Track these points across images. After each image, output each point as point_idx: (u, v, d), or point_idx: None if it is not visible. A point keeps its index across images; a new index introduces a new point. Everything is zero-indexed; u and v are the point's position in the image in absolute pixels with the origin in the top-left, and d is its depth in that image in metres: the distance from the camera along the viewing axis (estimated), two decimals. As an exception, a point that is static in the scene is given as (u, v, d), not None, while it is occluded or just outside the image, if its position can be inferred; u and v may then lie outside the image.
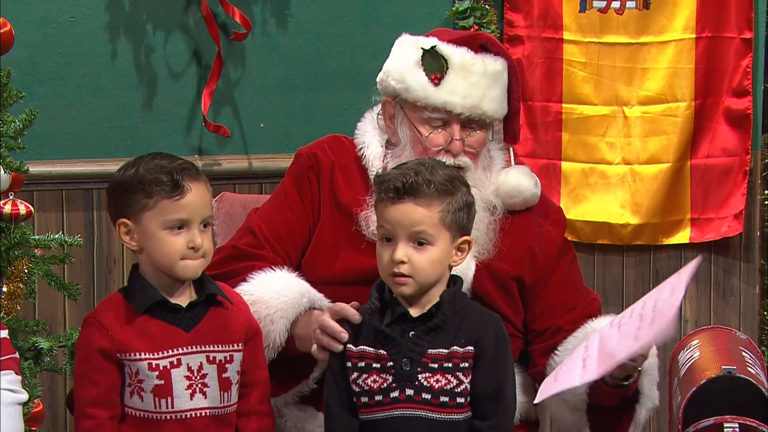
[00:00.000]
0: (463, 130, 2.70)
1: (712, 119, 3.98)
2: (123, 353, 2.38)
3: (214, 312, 2.45)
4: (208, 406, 2.42)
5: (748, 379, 3.10)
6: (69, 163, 3.62)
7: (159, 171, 2.37)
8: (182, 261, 2.39)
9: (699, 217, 4.01)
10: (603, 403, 2.65)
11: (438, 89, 2.69)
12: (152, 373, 2.37)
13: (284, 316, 2.58)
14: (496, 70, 2.72)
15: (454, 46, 2.72)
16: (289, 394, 2.68)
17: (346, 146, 2.83)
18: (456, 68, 2.69)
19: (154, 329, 2.40)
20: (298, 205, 2.78)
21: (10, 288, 2.98)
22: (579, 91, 3.95)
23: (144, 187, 2.37)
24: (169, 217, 2.37)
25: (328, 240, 2.73)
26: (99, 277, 3.66)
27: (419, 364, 2.33)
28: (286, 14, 3.76)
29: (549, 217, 2.83)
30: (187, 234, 2.38)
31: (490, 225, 2.72)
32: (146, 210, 2.37)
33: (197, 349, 2.42)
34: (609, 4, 3.93)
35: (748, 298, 4.06)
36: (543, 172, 3.91)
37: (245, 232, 2.78)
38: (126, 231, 2.40)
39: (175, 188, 2.36)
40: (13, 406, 2.41)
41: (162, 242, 2.37)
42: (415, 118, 2.72)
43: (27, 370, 2.93)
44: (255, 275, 2.64)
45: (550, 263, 2.78)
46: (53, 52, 3.60)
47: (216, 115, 3.72)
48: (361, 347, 2.37)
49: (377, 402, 2.34)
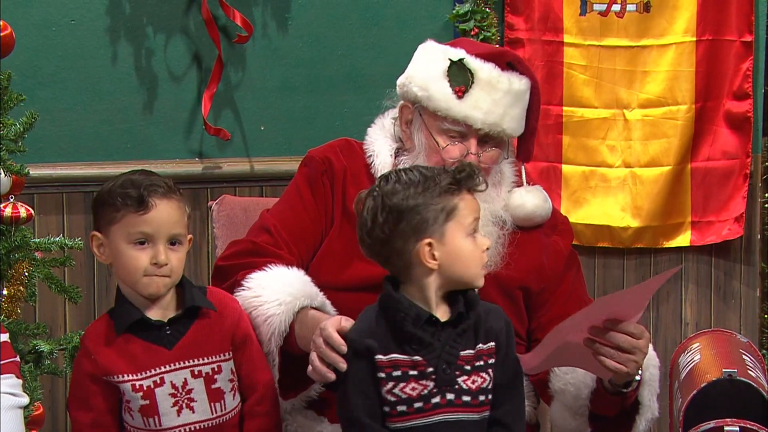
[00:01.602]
0: (480, 146, 2.69)
1: (712, 122, 3.99)
2: (108, 376, 2.38)
3: (198, 324, 2.44)
4: (198, 420, 2.42)
5: (749, 382, 3.10)
6: (69, 166, 3.63)
7: (129, 186, 2.38)
8: (145, 277, 2.38)
9: (699, 220, 4.01)
10: (601, 413, 2.65)
11: (461, 102, 2.68)
12: (136, 394, 2.38)
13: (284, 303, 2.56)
14: (520, 90, 2.71)
15: (482, 60, 2.70)
16: (297, 400, 2.67)
17: (357, 151, 2.82)
18: (481, 83, 2.68)
19: (135, 349, 2.39)
20: (313, 207, 2.77)
21: (11, 291, 2.98)
22: (579, 94, 3.95)
23: (113, 200, 2.38)
24: (132, 230, 2.37)
25: (336, 247, 2.72)
26: (99, 280, 3.66)
27: (456, 367, 2.33)
28: (286, 17, 3.76)
29: (557, 227, 2.82)
30: (151, 250, 2.38)
31: (499, 239, 2.72)
32: (114, 223, 2.38)
33: (181, 365, 2.41)
34: (609, 7, 3.93)
35: (749, 301, 4.06)
36: (543, 175, 3.91)
37: (260, 230, 2.76)
38: (98, 244, 2.41)
39: (140, 203, 2.36)
40: (14, 410, 2.41)
41: (125, 256, 2.38)
42: (433, 127, 2.71)
43: (27, 373, 2.93)
44: (268, 267, 2.62)
45: (558, 274, 2.78)
46: (54, 55, 3.60)
47: (217, 118, 3.72)
48: (391, 356, 2.31)
49: (416, 409, 2.30)
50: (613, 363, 2.46)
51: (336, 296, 2.62)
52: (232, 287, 2.62)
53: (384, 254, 2.31)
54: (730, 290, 4.06)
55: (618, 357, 2.46)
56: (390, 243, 2.28)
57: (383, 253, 2.31)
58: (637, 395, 2.61)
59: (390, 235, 2.28)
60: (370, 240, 2.31)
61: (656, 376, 2.67)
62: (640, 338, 2.46)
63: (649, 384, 2.63)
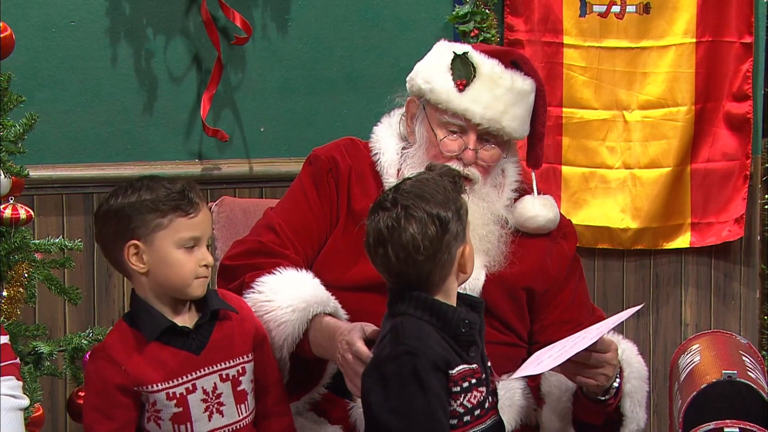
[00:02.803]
0: (479, 142, 2.70)
1: (712, 123, 3.99)
2: (140, 386, 2.35)
3: (220, 327, 2.43)
4: (226, 424, 2.42)
5: (749, 384, 3.10)
6: (69, 167, 3.62)
7: (170, 190, 2.35)
8: (196, 280, 2.37)
9: (699, 221, 4.01)
10: (586, 420, 2.66)
11: (461, 95, 2.68)
12: (170, 402, 2.35)
13: (297, 310, 2.55)
14: (524, 89, 2.71)
15: (486, 56, 2.71)
16: (300, 402, 2.67)
17: (362, 150, 2.82)
18: (483, 78, 2.69)
19: (165, 356, 2.37)
20: (318, 205, 2.76)
21: (11, 292, 2.98)
22: (579, 96, 3.95)
23: (157, 206, 2.33)
24: (185, 235, 2.35)
25: (341, 246, 2.72)
26: (99, 281, 3.65)
27: (490, 369, 2.34)
28: (286, 18, 3.76)
29: (561, 230, 2.82)
30: (198, 252, 2.37)
31: (501, 238, 2.72)
32: (160, 230, 2.33)
33: (209, 370, 2.40)
34: (609, 8, 3.93)
35: (749, 302, 4.06)
36: (543, 177, 3.91)
37: (265, 229, 2.75)
38: (135, 252, 2.36)
39: (190, 206, 2.35)
40: (14, 412, 2.41)
41: (176, 262, 2.35)
42: (434, 120, 2.71)
43: (27, 374, 2.93)
44: (278, 270, 2.61)
45: (561, 277, 2.78)
46: (54, 56, 3.60)
47: (216, 120, 3.72)
48: (459, 367, 2.25)
49: (476, 416, 2.28)
50: (582, 378, 2.49)
51: (340, 296, 2.61)
52: (239, 288, 2.61)
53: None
54: (730, 291, 4.06)
55: (585, 372, 2.48)
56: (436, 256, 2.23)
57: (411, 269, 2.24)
58: (620, 406, 2.63)
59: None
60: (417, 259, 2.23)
61: (640, 387, 2.67)
62: (607, 351, 2.48)
63: (631, 396, 2.64)
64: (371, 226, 2.23)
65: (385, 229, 2.20)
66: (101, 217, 2.38)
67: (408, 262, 2.20)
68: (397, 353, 2.19)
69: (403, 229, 2.19)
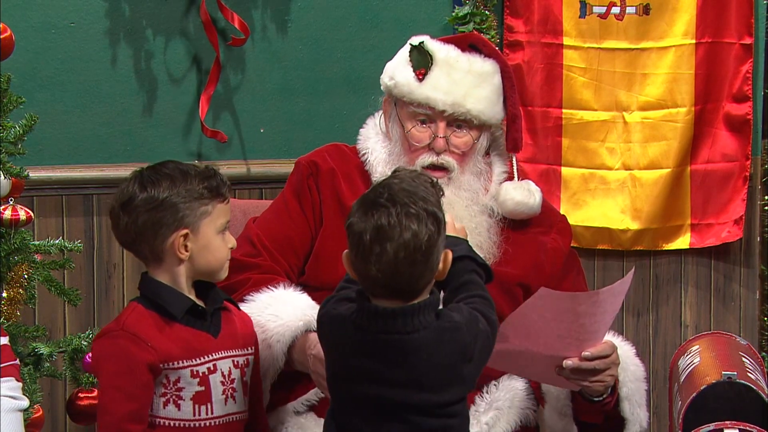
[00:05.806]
0: (449, 129, 2.70)
1: (712, 125, 3.98)
2: (167, 362, 2.35)
3: (226, 317, 2.46)
4: (237, 411, 2.44)
5: (749, 385, 3.10)
6: (69, 168, 3.62)
7: (205, 176, 2.40)
8: (226, 263, 2.45)
9: (699, 222, 4.01)
10: (587, 420, 2.66)
11: (421, 85, 2.70)
12: (194, 380, 2.37)
13: (280, 340, 2.56)
14: (484, 71, 2.72)
15: (442, 43, 2.74)
16: (297, 403, 2.68)
17: (347, 154, 2.83)
18: (440, 64, 2.71)
19: (188, 336, 2.38)
20: (298, 213, 2.78)
21: (10, 293, 2.98)
22: (579, 97, 3.95)
23: (203, 194, 2.38)
24: (223, 220, 2.42)
25: (332, 245, 2.72)
26: (99, 282, 3.65)
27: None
28: (285, 20, 3.76)
29: (554, 226, 2.83)
30: (226, 236, 2.44)
31: (491, 228, 2.73)
32: (206, 216, 2.39)
33: (226, 354, 2.42)
34: (609, 9, 3.93)
35: (749, 303, 4.06)
36: (543, 178, 3.91)
37: (243, 241, 2.78)
38: (184, 241, 2.39)
39: (227, 191, 2.43)
40: (14, 413, 2.42)
41: (216, 247, 2.41)
42: (402, 114, 2.74)
43: (27, 375, 2.93)
44: (252, 296, 2.62)
45: (557, 272, 2.78)
46: (53, 57, 3.60)
47: (215, 121, 3.72)
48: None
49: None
50: (588, 385, 2.49)
51: None
52: None
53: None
54: (729, 292, 4.06)
55: (591, 379, 2.49)
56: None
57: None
58: (619, 409, 2.63)
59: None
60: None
61: (638, 388, 2.67)
62: (610, 354, 2.48)
63: (629, 398, 2.64)
64: (367, 223, 2.14)
65: (386, 227, 2.12)
66: (137, 208, 2.36)
67: (407, 262, 2.13)
68: None
69: (405, 227, 2.12)
